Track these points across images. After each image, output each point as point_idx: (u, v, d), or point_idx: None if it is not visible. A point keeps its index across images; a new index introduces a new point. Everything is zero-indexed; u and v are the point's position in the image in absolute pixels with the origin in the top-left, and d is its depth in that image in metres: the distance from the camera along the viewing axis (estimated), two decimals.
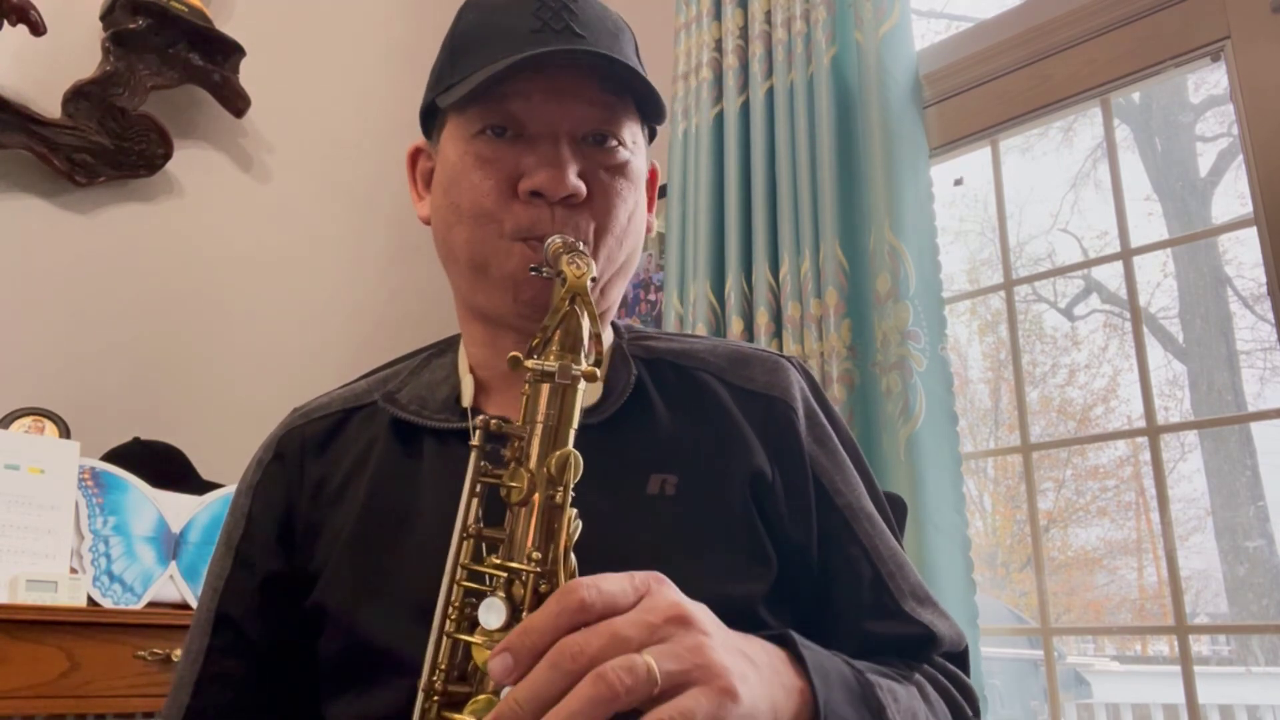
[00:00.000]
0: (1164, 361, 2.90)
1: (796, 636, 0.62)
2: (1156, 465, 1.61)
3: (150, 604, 1.63)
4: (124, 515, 1.66)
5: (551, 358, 0.60)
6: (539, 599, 0.54)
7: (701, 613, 0.54)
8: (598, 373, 0.61)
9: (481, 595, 0.56)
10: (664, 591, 0.53)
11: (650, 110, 0.79)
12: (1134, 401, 1.68)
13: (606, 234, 0.76)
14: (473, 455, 0.62)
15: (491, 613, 0.54)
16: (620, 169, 0.77)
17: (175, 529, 1.71)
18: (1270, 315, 1.48)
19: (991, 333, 2.77)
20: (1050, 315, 3.02)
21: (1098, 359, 2.96)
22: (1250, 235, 1.52)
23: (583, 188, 0.74)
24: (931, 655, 0.76)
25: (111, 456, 1.77)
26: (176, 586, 1.68)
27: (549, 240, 0.69)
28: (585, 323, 0.61)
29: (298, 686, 0.78)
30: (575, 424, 0.59)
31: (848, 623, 0.75)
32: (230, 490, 1.81)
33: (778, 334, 1.85)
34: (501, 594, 0.55)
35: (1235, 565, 2.65)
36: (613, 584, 0.51)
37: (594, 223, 0.75)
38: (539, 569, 0.55)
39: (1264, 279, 1.50)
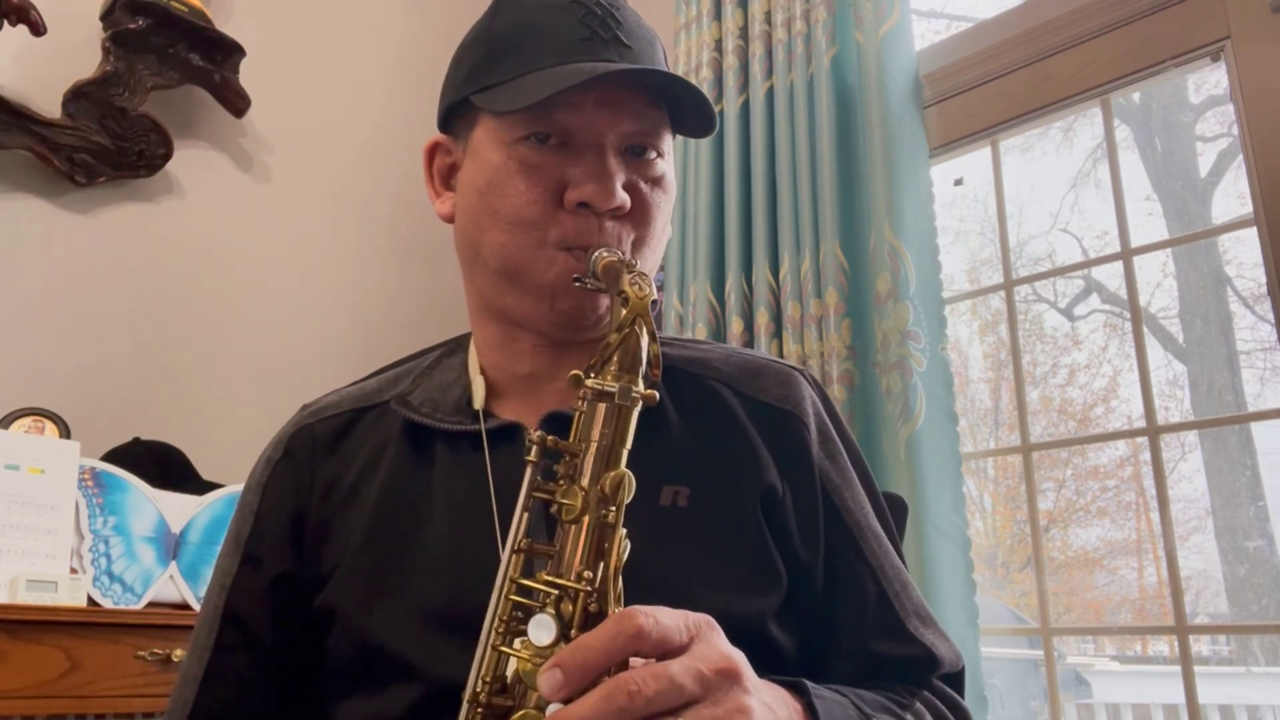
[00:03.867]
0: (1164, 361, 2.90)
1: (811, 687, 0.62)
2: (1156, 465, 1.61)
3: (150, 604, 1.63)
4: (124, 515, 1.66)
5: (609, 377, 0.60)
6: (588, 618, 0.54)
7: (746, 666, 0.54)
8: (657, 396, 0.61)
9: (526, 610, 0.56)
10: (715, 640, 0.54)
11: (695, 124, 0.79)
12: (1134, 401, 1.68)
13: (644, 245, 0.77)
14: (528, 470, 0.61)
15: (541, 629, 0.54)
16: (659, 181, 0.78)
17: (175, 529, 1.71)
18: (1270, 315, 1.48)
19: (991, 333, 2.76)
20: (1050, 315, 3.02)
21: (1098, 359, 2.96)
22: (1250, 235, 1.52)
23: (629, 200, 0.74)
24: (931, 677, 0.76)
25: (111, 456, 1.77)
26: (177, 587, 1.68)
27: (595, 253, 0.69)
28: (645, 343, 0.62)
29: (302, 685, 0.78)
30: (629, 445, 0.60)
31: (851, 641, 0.75)
32: (231, 490, 1.81)
33: (778, 334, 1.85)
34: (551, 611, 0.55)
35: (1235, 565, 2.65)
36: (669, 618, 0.52)
37: (634, 234, 0.76)
38: (590, 588, 0.55)
39: (1264, 279, 1.50)
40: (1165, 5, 1.63)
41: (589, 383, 0.60)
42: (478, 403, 0.79)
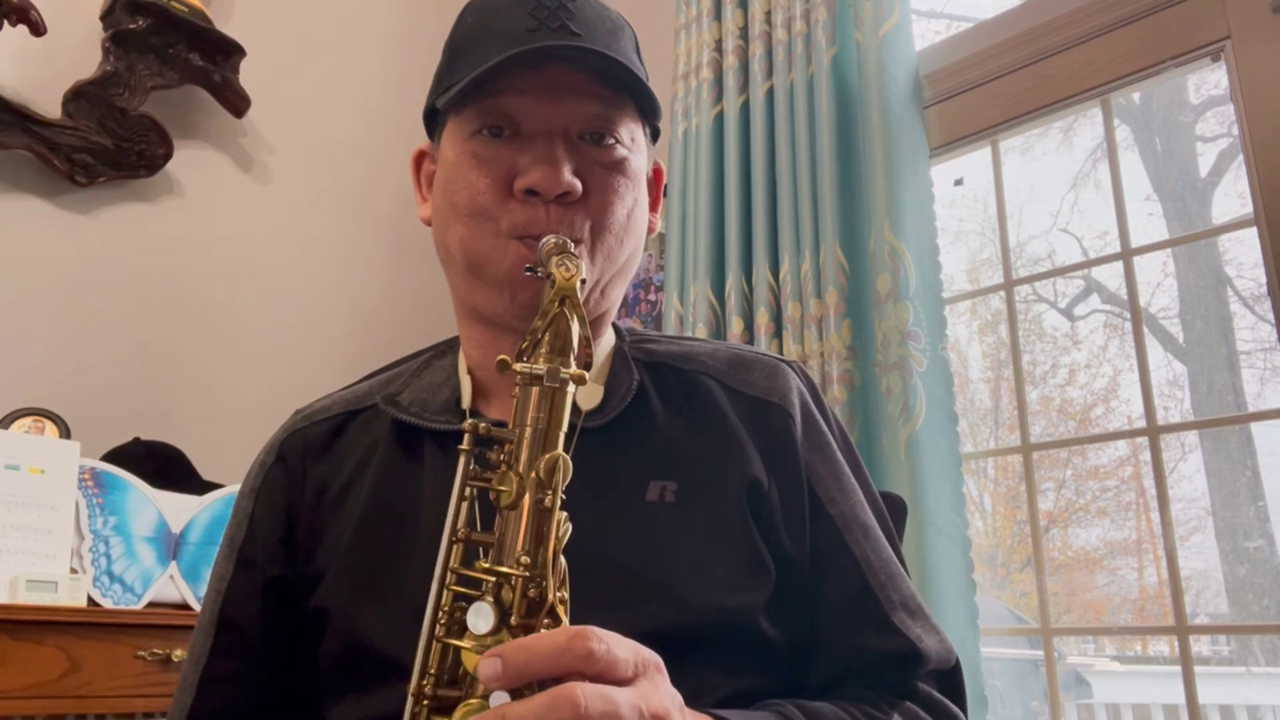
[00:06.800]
0: (1164, 361, 2.89)
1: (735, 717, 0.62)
2: (1157, 465, 1.61)
3: (150, 604, 1.63)
4: (124, 515, 1.66)
5: (540, 360, 0.59)
6: (528, 603, 0.54)
7: (679, 714, 0.54)
8: (586, 376, 0.60)
9: (471, 600, 0.56)
10: (660, 683, 0.54)
11: (646, 107, 0.78)
12: (1134, 401, 1.68)
13: (605, 232, 0.76)
14: (461, 459, 0.61)
15: (480, 617, 0.54)
16: (617, 166, 0.76)
17: (175, 529, 1.71)
18: (1270, 315, 1.48)
19: (991, 333, 2.76)
20: (1050, 315, 3.02)
21: (1098, 359, 2.96)
22: (1250, 235, 1.52)
23: (578, 185, 0.73)
24: (917, 673, 0.74)
25: (111, 456, 1.77)
26: (176, 587, 1.68)
27: (543, 239, 0.69)
28: (574, 325, 0.61)
29: (299, 688, 0.78)
30: (564, 427, 0.59)
31: (834, 634, 0.75)
32: (230, 490, 1.81)
33: (778, 334, 1.84)
34: (490, 598, 0.54)
35: (1235, 565, 2.65)
36: (622, 650, 0.51)
37: (590, 220, 0.75)
38: (527, 573, 0.54)
39: (1264, 279, 1.50)
40: (1165, 5, 1.63)
41: (517, 367, 0.59)
42: (465, 402, 0.80)
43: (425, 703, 0.57)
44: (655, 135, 0.84)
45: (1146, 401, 1.61)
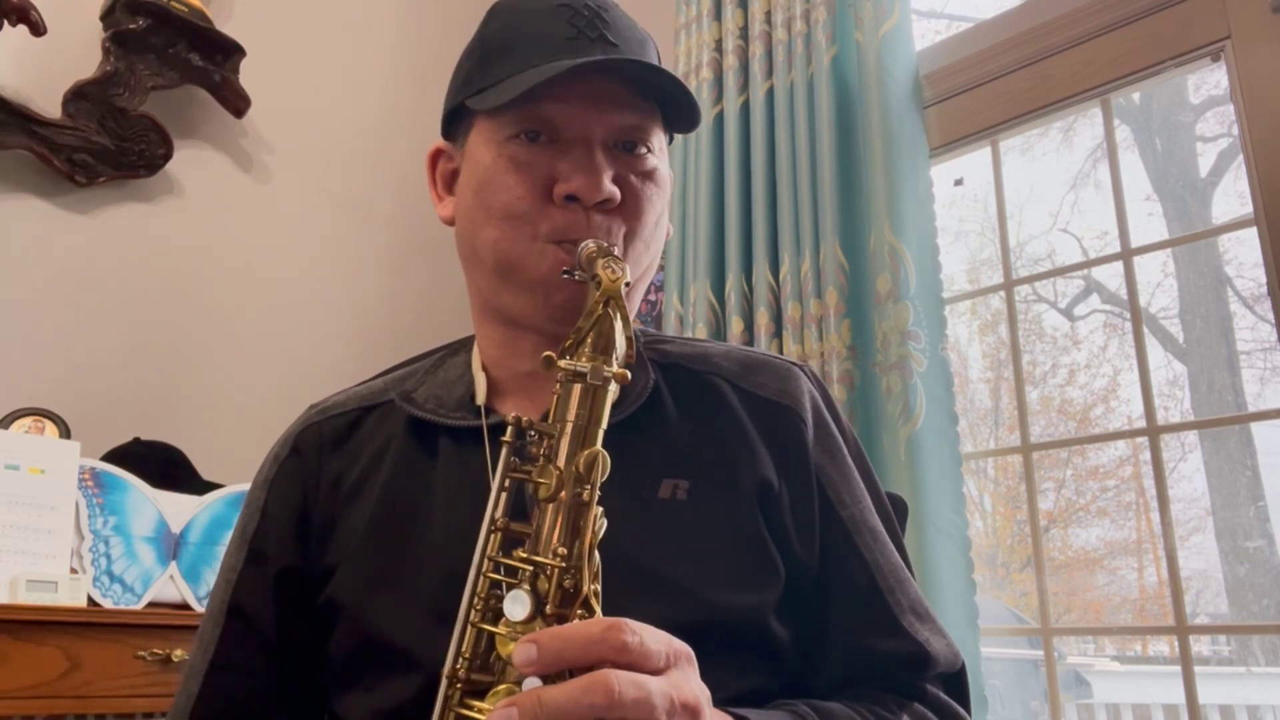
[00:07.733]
0: (1164, 361, 2.90)
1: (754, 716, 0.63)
2: (1156, 465, 1.61)
3: (150, 604, 1.63)
4: (124, 515, 1.66)
5: (584, 359, 0.61)
6: (563, 594, 0.56)
7: (708, 707, 0.56)
8: (629, 375, 0.62)
9: (506, 588, 0.57)
10: (690, 674, 0.55)
11: (682, 120, 0.80)
12: (1134, 401, 1.68)
13: (636, 238, 0.78)
14: (504, 451, 0.63)
15: (517, 605, 0.55)
16: (650, 175, 0.79)
17: (175, 529, 1.71)
18: (1270, 315, 1.48)
19: (991, 333, 2.76)
20: (1050, 315, 3.02)
21: (1098, 359, 2.97)
22: (1250, 235, 1.53)
23: (618, 193, 0.75)
24: (925, 676, 0.75)
25: (111, 456, 1.77)
26: (176, 587, 1.68)
27: (583, 244, 0.70)
28: (618, 326, 0.63)
29: (307, 681, 0.79)
30: (604, 424, 0.60)
31: (843, 636, 0.75)
32: (230, 490, 1.81)
33: (778, 334, 1.85)
34: (527, 587, 0.56)
35: (1235, 565, 2.65)
36: (655, 642, 0.53)
37: (625, 227, 0.77)
38: (564, 564, 0.56)
39: (1264, 279, 1.50)
40: (1165, 5, 1.63)
41: (562, 364, 0.61)
42: (480, 398, 0.80)
43: (459, 685, 0.58)
44: (670, 142, 0.86)
45: (1146, 401, 1.62)
